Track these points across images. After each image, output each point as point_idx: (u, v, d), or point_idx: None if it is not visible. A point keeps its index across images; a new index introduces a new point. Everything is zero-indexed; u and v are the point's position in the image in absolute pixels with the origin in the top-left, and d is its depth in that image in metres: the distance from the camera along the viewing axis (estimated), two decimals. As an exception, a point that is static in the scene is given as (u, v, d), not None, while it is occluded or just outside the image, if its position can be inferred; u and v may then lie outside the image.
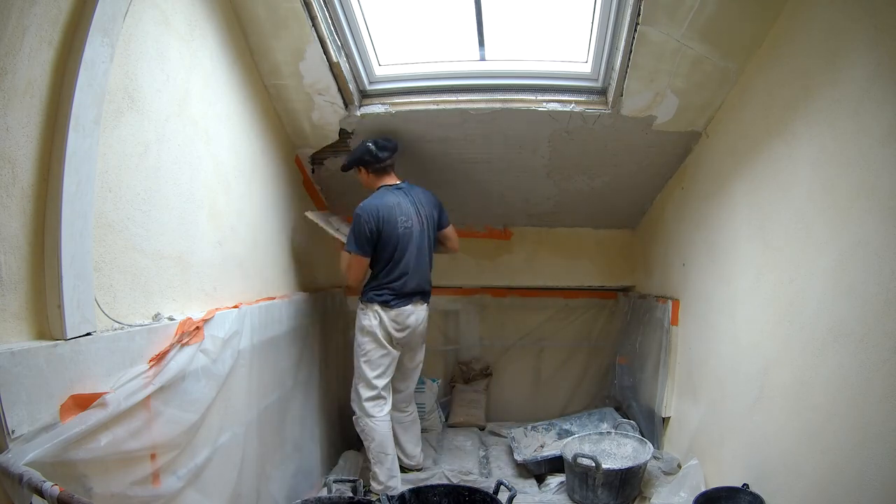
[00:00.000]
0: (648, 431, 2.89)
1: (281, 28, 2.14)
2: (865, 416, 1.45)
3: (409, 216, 2.53)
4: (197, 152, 1.81)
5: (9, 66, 1.10)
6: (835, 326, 1.59)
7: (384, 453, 2.52)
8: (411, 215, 2.55)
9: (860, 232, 1.50)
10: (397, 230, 2.49)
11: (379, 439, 2.51)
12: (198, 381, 1.64)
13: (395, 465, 2.56)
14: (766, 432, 1.92)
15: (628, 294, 3.53)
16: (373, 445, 2.52)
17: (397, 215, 2.50)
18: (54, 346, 1.16)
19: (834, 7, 1.63)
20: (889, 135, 1.41)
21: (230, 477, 1.87)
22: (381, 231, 2.47)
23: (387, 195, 2.54)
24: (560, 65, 2.52)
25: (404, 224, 2.51)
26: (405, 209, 2.53)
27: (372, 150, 2.53)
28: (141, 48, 1.50)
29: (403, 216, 2.52)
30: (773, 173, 1.95)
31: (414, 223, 2.55)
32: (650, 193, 3.13)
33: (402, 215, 2.51)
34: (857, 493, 1.46)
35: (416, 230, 2.55)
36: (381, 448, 2.51)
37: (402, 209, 2.53)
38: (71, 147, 1.21)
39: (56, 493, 0.97)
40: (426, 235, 2.60)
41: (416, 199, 2.61)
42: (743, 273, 2.16)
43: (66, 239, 1.20)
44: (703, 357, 2.48)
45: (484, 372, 3.68)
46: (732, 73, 2.18)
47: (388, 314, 2.52)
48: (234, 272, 2.08)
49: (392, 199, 2.53)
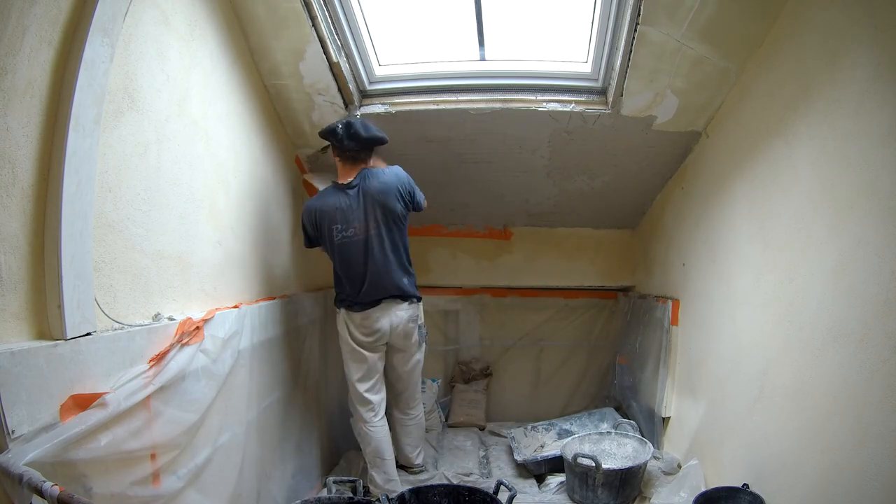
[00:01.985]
0: (648, 431, 2.89)
1: (281, 28, 2.14)
2: (865, 416, 1.45)
3: (348, 223, 2.28)
4: (197, 152, 1.81)
5: (9, 66, 1.10)
6: (835, 326, 1.59)
7: (380, 458, 2.47)
8: (352, 222, 2.28)
9: (860, 232, 1.50)
10: (332, 240, 2.30)
11: (374, 444, 2.46)
12: (198, 381, 1.64)
13: (392, 470, 2.51)
14: (766, 432, 1.92)
15: (628, 294, 3.53)
16: (368, 450, 2.48)
17: (330, 223, 2.28)
18: (54, 346, 1.16)
19: (834, 7, 1.63)
20: (889, 135, 1.41)
21: (230, 477, 1.87)
22: (319, 235, 2.34)
23: (329, 197, 2.32)
24: (560, 65, 2.52)
25: (342, 233, 2.28)
26: (344, 217, 2.28)
27: (337, 132, 2.26)
28: (141, 48, 1.50)
29: (340, 225, 2.28)
30: (773, 173, 1.95)
31: (357, 231, 2.28)
32: (650, 193, 3.13)
33: (337, 223, 2.28)
34: (857, 493, 1.46)
35: (361, 237, 2.29)
36: (376, 453, 2.46)
37: (338, 216, 2.28)
38: (71, 147, 1.21)
39: (56, 493, 0.97)
40: (381, 237, 2.31)
41: (368, 195, 2.29)
42: (743, 273, 2.16)
43: (66, 239, 1.20)
44: (703, 357, 2.48)
45: (484, 372, 3.68)
46: (732, 73, 2.18)
47: (354, 318, 2.38)
48: (234, 272, 2.08)
49: (332, 203, 2.29)
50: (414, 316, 2.47)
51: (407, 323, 2.43)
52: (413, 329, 2.48)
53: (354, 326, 2.39)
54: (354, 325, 2.39)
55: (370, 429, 2.46)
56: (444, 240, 3.61)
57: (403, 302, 2.42)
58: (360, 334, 2.40)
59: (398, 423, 2.69)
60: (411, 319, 2.45)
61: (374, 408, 2.48)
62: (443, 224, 3.57)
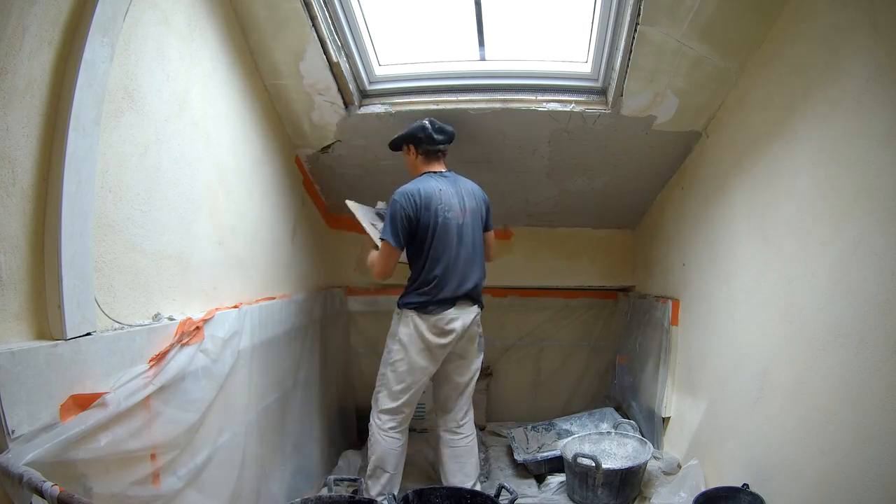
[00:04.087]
0: (648, 431, 2.89)
1: (281, 28, 2.14)
2: (865, 416, 1.45)
3: (450, 205, 2.28)
4: (197, 152, 1.81)
5: (9, 66, 1.10)
6: (835, 326, 1.59)
7: (382, 469, 2.31)
8: (453, 205, 2.29)
9: (860, 232, 1.50)
10: (436, 219, 2.24)
11: (380, 453, 2.31)
12: (198, 381, 1.64)
13: (391, 483, 2.32)
14: (766, 432, 1.92)
15: (628, 294, 3.53)
16: (373, 458, 2.33)
17: (437, 203, 2.25)
18: (54, 346, 1.16)
19: (834, 7, 1.63)
20: (889, 135, 1.41)
21: (230, 477, 1.87)
22: (419, 218, 2.23)
23: (429, 180, 2.32)
24: (560, 65, 2.52)
25: (444, 213, 2.25)
26: (446, 198, 2.28)
27: (427, 129, 2.33)
28: (141, 48, 1.50)
29: (444, 205, 2.26)
30: (773, 173, 1.95)
31: (456, 214, 2.29)
32: (650, 193, 3.13)
33: (441, 203, 2.26)
34: (857, 493, 1.46)
35: (459, 222, 2.29)
36: (379, 463, 2.31)
37: (443, 197, 2.27)
38: (71, 147, 1.21)
39: (56, 493, 0.97)
40: (472, 229, 2.34)
41: (463, 188, 2.37)
42: (743, 273, 2.16)
43: (66, 239, 1.20)
44: (703, 357, 2.48)
45: (484, 372, 3.68)
46: (732, 73, 2.18)
47: (427, 321, 2.25)
48: (234, 272, 2.08)
49: (433, 185, 2.29)
50: (479, 321, 2.42)
51: (473, 326, 2.36)
52: (477, 333, 2.41)
53: (427, 328, 2.25)
54: (427, 327, 2.25)
55: (385, 437, 2.31)
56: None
57: (474, 305, 2.37)
58: (433, 336, 2.25)
59: (445, 445, 2.43)
60: (476, 323, 2.39)
61: (400, 418, 2.33)
62: (443, 224, 3.56)
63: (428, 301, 2.26)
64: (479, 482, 2.49)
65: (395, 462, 2.34)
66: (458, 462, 2.43)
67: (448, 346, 2.30)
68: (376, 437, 2.32)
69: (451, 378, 2.42)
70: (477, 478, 2.47)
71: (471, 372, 2.43)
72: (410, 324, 2.27)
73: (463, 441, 2.44)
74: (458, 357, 2.39)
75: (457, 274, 2.28)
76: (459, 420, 2.44)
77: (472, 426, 2.49)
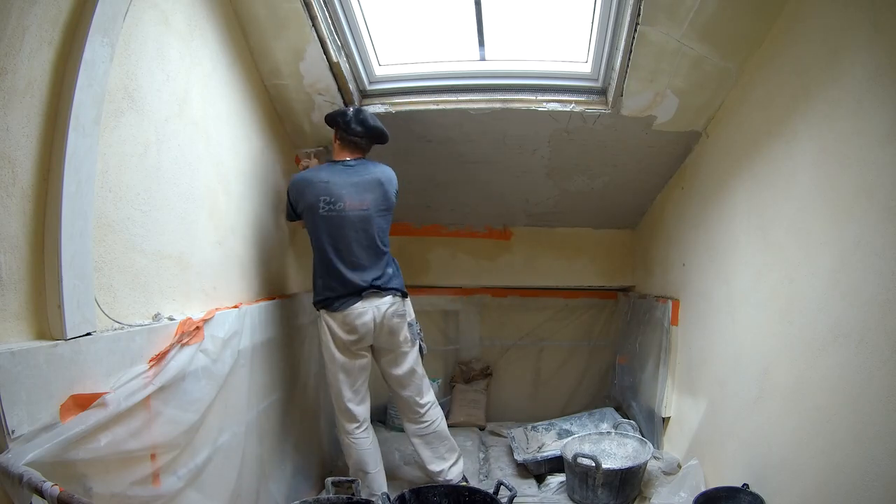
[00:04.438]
0: (648, 431, 2.89)
1: (281, 28, 2.14)
2: (865, 416, 1.45)
3: (337, 197, 2.21)
4: (197, 152, 1.81)
5: (9, 66, 1.10)
6: (835, 326, 1.59)
7: (363, 471, 2.33)
8: (341, 196, 2.22)
9: (860, 232, 1.50)
10: (317, 213, 2.22)
11: (356, 457, 2.33)
12: (198, 381, 1.64)
13: (376, 484, 2.36)
14: (766, 432, 1.92)
15: (628, 294, 3.53)
16: (350, 462, 2.36)
17: (317, 196, 2.21)
18: (54, 346, 1.16)
19: (834, 7, 1.63)
20: (889, 135, 1.41)
21: (230, 477, 1.87)
22: (298, 205, 2.28)
23: (322, 171, 2.29)
24: (560, 65, 2.52)
25: (326, 205, 2.21)
26: (333, 189, 2.22)
27: (347, 115, 2.28)
28: (141, 48, 1.50)
29: (326, 196, 2.21)
30: (773, 173, 1.95)
31: (345, 206, 2.21)
32: (650, 193, 3.13)
33: (323, 195, 2.21)
34: (857, 493, 1.46)
35: (348, 215, 2.22)
36: (358, 465, 2.33)
37: (326, 189, 2.22)
38: (71, 147, 1.21)
39: (56, 493, 0.97)
40: (369, 220, 2.25)
41: (364, 176, 2.27)
42: (743, 273, 2.16)
43: (66, 239, 1.20)
44: (703, 357, 2.48)
45: (484, 372, 3.69)
46: (732, 73, 2.18)
47: (335, 318, 2.24)
48: (234, 272, 2.08)
49: (323, 177, 2.25)
50: (400, 311, 2.31)
51: (392, 317, 2.27)
52: (400, 325, 2.31)
53: (336, 325, 2.24)
54: (337, 324, 2.24)
55: (352, 440, 2.33)
56: (444, 240, 3.61)
57: (387, 294, 2.28)
58: (343, 332, 2.24)
59: (413, 435, 2.47)
60: (396, 314, 2.29)
61: (359, 419, 2.33)
62: (443, 224, 3.57)
63: (330, 297, 2.24)
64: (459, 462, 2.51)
65: (373, 460, 2.36)
66: (430, 448, 2.45)
67: (360, 341, 2.27)
68: (346, 442, 2.35)
69: (386, 371, 2.41)
70: (456, 459, 2.50)
71: (407, 363, 2.38)
72: (324, 324, 2.28)
73: (429, 428, 2.44)
74: (386, 351, 2.37)
75: (350, 266, 2.23)
76: (418, 410, 2.42)
77: (435, 411, 2.47)
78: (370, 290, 2.25)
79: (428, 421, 2.44)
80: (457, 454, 2.52)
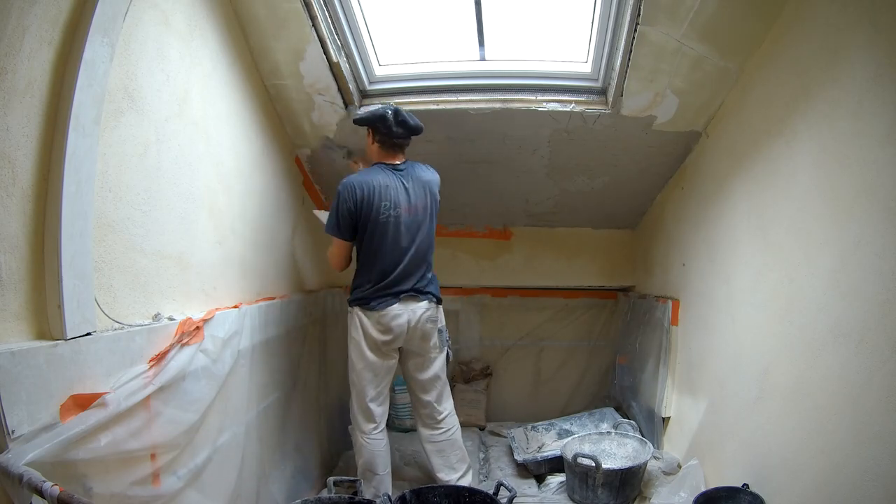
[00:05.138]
0: (648, 431, 2.89)
1: (281, 28, 2.14)
2: (865, 416, 1.45)
3: (395, 202, 2.24)
4: (197, 152, 1.81)
5: (9, 66, 1.10)
6: (835, 326, 1.59)
7: (371, 471, 2.32)
8: (399, 202, 2.24)
9: (860, 232, 1.50)
10: (377, 215, 2.21)
11: (367, 457, 2.32)
12: (198, 381, 1.64)
13: (383, 485, 2.35)
14: (767, 432, 1.92)
15: (628, 294, 3.53)
16: (360, 462, 2.35)
17: (380, 200, 2.21)
18: (54, 346, 1.16)
19: (834, 7, 1.63)
20: (889, 135, 1.41)
21: (230, 477, 1.87)
22: (360, 212, 2.21)
23: (377, 174, 2.26)
24: (560, 65, 2.52)
25: (386, 210, 2.22)
26: (392, 194, 2.24)
27: (387, 118, 2.24)
28: (141, 48, 1.50)
29: (387, 201, 2.22)
30: (773, 173, 1.95)
31: (402, 212, 2.24)
32: (650, 193, 3.13)
33: (385, 200, 2.22)
34: (857, 493, 1.46)
35: (405, 219, 2.25)
36: (368, 466, 2.33)
37: (387, 193, 2.23)
38: (71, 147, 1.21)
39: (56, 493, 0.97)
40: (420, 225, 2.30)
41: (416, 182, 2.31)
42: (743, 273, 2.16)
43: (66, 239, 1.21)
44: (703, 357, 2.48)
45: (484, 372, 3.68)
46: (732, 73, 2.18)
47: (371, 317, 2.25)
48: (234, 272, 2.08)
49: (380, 180, 2.24)
50: (433, 316, 2.36)
51: (426, 322, 2.31)
52: (432, 330, 2.35)
53: (371, 324, 2.25)
54: (371, 323, 2.25)
55: (366, 440, 2.32)
56: (444, 240, 3.60)
57: (423, 299, 2.32)
58: (377, 332, 2.25)
59: (425, 441, 2.46)
60: (430, 319, 2.33)
61: (377, 420, 2.34)
62: (443, 224, 3.56)
63: (369, 296, 2.25)
64: (469, 474, 2.48)
65: (383, 463, 2.36)
66: (441, 456, 2.44)
67: (393, 342, 2.29)
68: (359, 441, 2.34)
69: (412, 375, 2.42)
70: (466, 470, 2.48)
71: (433, 369, 2.40)
72: (357, 321, 2.28)
73: (443, 436, 2.44)
74: (414, 354, 2.39)
75: (399, 271, 2.25)
76: (435, 416, 2.43)
77: (452, 420, 2.47)
78: (409, 294, 2.29)
79: (444, 428, 2.44)
80: (467, 465, 2.50)
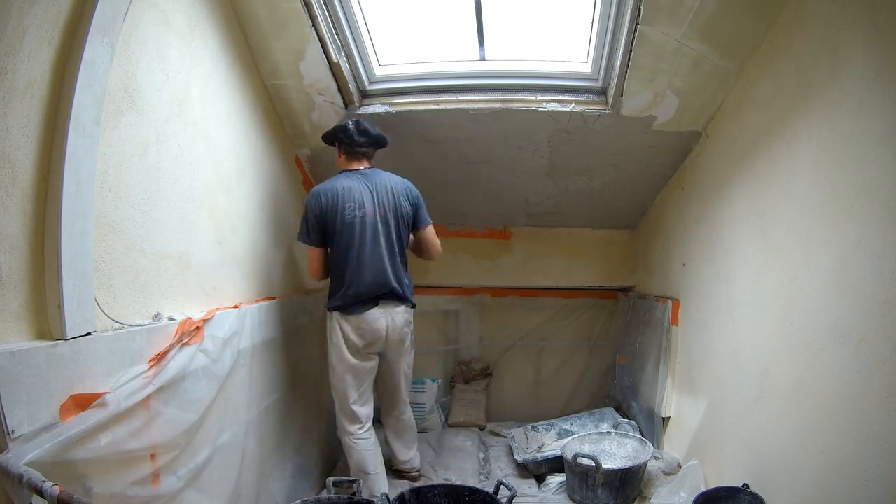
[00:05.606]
0: (648, 431, 2.89)
1: (281, 28, 2.14)
2: (865, 416, 1.45)
3: (360, 203, 2.26)
4: (197, 152, 1.81)
5: (9, 66, 1.10)
6: (834, 326, 1.59)
7: (364, 472, 2.36)
8: (364, 202, 2.27)
9: (860, 232, 1.50)
10: (343, 217, 2.25)
11: (357, 458, 2.36)
12: (198, 381, 1.64)
13: (377, 484, 2.39)
14: (766, 432, 1.92)
15: (628, 294, 3.53)
16: (351, 463, 2.40)
17: (344, 202, 2.25)
18: (54, 346, 1.16)
19: (834, 7, 1.63)
20: (889, 135, 1.41)
21: (230, 477, 1.87)
22: (326, 217, 2.26)
23: (340, 180, 2.32)
24: (560, 65, 2.52)
25: (352, 211, 2.25)
26: (356, 195, 2.27)
27: (349, 130, 2.33)
28: (141, 48, 1.50)
29: (352, 203, 2.26)
30: (773, 173, 1.95)
31: (367, 212, 2.26)
32: (650, 193, 3.13)
33: (349, 202, 2.26)
34: (857, 493, 1.46)
35: (370, 220, 2.27)
36: (359, 466, 2.37)
37: (351, 195, 2.27)
38: (71, 147, 1.21)
39: (56, 493, 0.97)
40: (388, 227, 2.31)
41: (380, 185, 2.32)
42: (743, 273, 2.16)
43: (66, 239, 1.21)
44: (703, 357, 2.48)
45: (484, 372, 3.68)
46: (732, 73, 2.18)
47: (350, 322, 2.29)
48: (234, 272, 2.08)
49: (344, 184, 2.29)
50: (409, 321, 2.43)
51: (403, 327, 2.38)
52: (407, 335, 2.43)
53: (350, 329, 2.29)
54: (351, 328, 2.29)
55: (354, 441, 2.36)
56: (444, 240, 3.55)
57: (401, 304, 2.37)
58: (356, 337, 2.30)
59: (387, 426, 2.64)
60: (406, 324, 2.40)
61: (361, 420, 2.38)
62: (443, 224, 3.56)
63: (348, 303, 2.28)
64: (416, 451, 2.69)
65: (373, 462, 2.39)
66: (401, 440, 2.65)
67: (372, 345, 2.34)
68: (347, 442, 2.39)
69: (385, 375, 2.51)
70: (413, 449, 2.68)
71: (403, 370, 2.52)
72: (336, 326, 2.32)
73: (399, 423, 2.63)
74: (391, 353, 2.44)
75: (371, 272, 2.27)
76: (398, 405, 2.60)
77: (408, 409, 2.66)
78: (388, 298, 2.32)
79: (404, 411, 2.63)
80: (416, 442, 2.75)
